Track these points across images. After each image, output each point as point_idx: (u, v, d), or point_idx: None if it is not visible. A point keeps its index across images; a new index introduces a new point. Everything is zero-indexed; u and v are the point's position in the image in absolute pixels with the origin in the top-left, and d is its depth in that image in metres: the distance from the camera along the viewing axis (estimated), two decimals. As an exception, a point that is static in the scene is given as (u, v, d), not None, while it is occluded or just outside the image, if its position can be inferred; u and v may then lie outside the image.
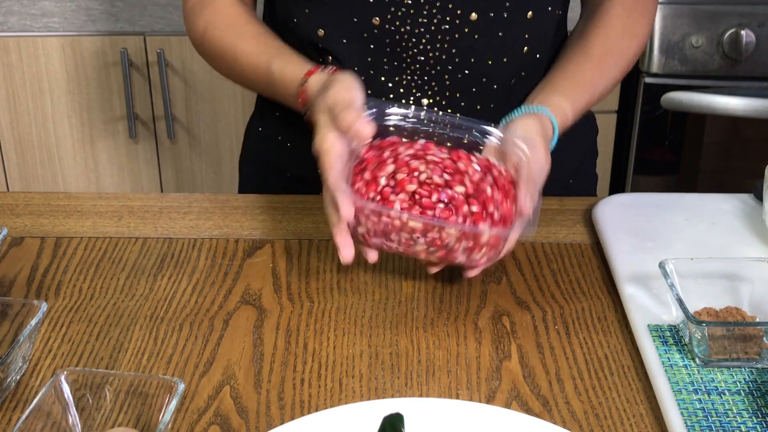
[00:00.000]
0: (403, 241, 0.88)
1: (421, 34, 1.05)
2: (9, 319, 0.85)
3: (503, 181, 0.93)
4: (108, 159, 2.18)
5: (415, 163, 0.92)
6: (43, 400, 0.73)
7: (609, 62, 1.10)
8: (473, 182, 0.91)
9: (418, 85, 1.08)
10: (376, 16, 1.04)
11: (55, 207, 1.12)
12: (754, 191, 1.09)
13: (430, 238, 0.87)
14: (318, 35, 1.07)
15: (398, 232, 0.88)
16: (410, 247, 0.89)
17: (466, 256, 0.89)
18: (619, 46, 1.11)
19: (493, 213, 0.90)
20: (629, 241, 1.01)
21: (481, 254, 0.89)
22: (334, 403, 0.82)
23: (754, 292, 0.89)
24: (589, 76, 1.08)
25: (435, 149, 0.94)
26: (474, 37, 1.05)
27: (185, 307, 0.94)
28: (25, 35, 2.06)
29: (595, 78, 1.08)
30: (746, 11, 1.95)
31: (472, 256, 0.89)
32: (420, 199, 0.89)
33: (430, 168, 0.91)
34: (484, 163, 0.94)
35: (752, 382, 0.82)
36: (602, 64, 1.09)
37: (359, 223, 0.89)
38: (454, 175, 0.92)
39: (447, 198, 0.90)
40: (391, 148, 0.93)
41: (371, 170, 0.91)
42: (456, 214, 0.89)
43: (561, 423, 0.80)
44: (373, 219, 0.88)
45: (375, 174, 0.91)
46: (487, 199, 0.90)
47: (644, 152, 2.11)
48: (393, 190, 0.90)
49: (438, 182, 0.90)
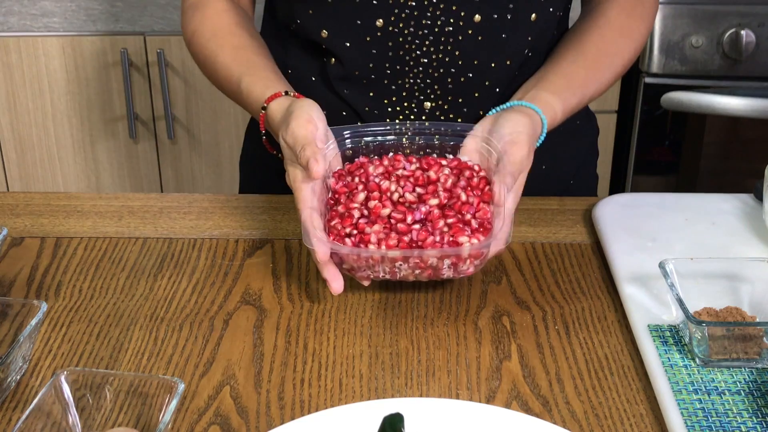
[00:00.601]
0: (388, 270, 0.89)
1: (424, 36, 1.05)
2: (9, 319, 0.85)
3: (477, 181, 0.93)
4: (108, 159, 2.18)
5: (385, 183, 0.93)
6: (43, 400, 0.73)
7: (603, 63, 1.09)
8: (446, 189, 0.92)
9: (421, 88, 1.08)
10: (379, 18, 1.04)
11: (55, 207, 1.12)
12: (754, 191, 1.09)
13: (412, 263, 0.88)
14: (321, 36, 1.07)
15: (380, 264, 0.89)
16: (396, 274, 0.90)
17: (452, 270, 0.89)
18: (615, 47, 1.10)
19: (470, 221, 0.90)
20: (629, 241, 1.01)
21: (466, 265, 0.89)
22: (334, 403, 0.82)
23: (754, 292, 0.89)
24: (582, 75, 1.07)
25: (404, 161, 0.96)
26: (477, 40, 1.05)
27: (185, 307, 0.94)
28: (25, 35, 2.06)
29: (588, 78, 1.08)
30: (746, 11, 1.95)
31: (459, 269, 0.90)
32: (395, 224, 0.90)
33: (401, 185, 0.93)
34: (455, 165, 0.95)
35: (752, 382, 0.82)
36: (596, 65, 1.09)
37: (342, 261, 0.90)
38: (426, 186, 0.93)
39: (422, 215, 0.90)
40: (360, 172, 0.95)
41: (344, 203, 0.93)
42: (432, 233, 0.89)
43: (561, 423, 0.80)
44: (353, 257, 0.89)
45: (347, 206, 0.92)
46: (462, 206, 0.91)
47: (644, 152, 2.11)
48: (368, 220, 0.91)
49: (411, 199, 0.92)
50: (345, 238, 0.90)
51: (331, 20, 1.06)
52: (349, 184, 0.94)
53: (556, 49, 1.12)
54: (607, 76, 1.10)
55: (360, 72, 1.08)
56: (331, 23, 1.06)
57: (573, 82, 1.07)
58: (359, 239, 0.89)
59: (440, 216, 0.90)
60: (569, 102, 1.05)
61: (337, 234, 0.90)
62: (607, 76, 1.10)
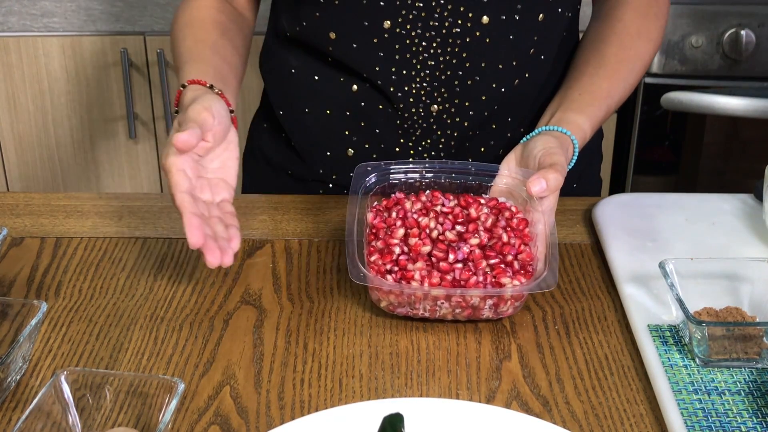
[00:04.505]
0: (428, 308, 0.89)
1: (432, 37, 1.04)
2: (9, 319, 0.85)
3: (516, 222, 0.93)
4: (108, 159, 2.18)
5: (424, 220, 0.92)
6: (43, 400, 0.73)
7: (625, 69, 1.09)
8: (486, 229, 0.92)
9: (428, 92, 1.08)
10: (387, 19, 1.03)
11: (55, 207, 1.12)
12: (754, 191, 1.09)
13: (454, 302, 0.88)
14: (329, 38, 1.06)
15: (422, 302, 0.88)
16: (435, 313, 0.90)
17: (492, 311, 0.89)
18: (634, 52, 1.10)
19: (512, 262, 0.90)
20: (629, 241, 1.01)
21: (507, 306, 0.89)
22: (334, 403, 0.82)
23: (754, 292, 0.89)
24: (606, 87, 1.07)
25: (442, 198, 0.95)
26: (485, 41, 1.05)
27: (185, 307, 0.94)
28: (25, 35, 2.06)
29: (612, 88, 1.07)
30: (746, 11, 1.95)
31: (499, 310, 0.90)
32: (437, 263, 0.89)
33: (441, 222, 0.92)
34: (492, 204, 0.95)
35: (752, 382, 0.82)
36: (618, 73, 1.08)
37: (381, 298, 0.90)
38: (466, 224, 0.92)
39: (463, 255, 0.90)
40: (398, 208, 0.94)
41: (383, 238, 0.92)
42: (475, 273, 0.89)
43: (561, 423, 0.80)
44: (395, 293, 0.88)
45: (387, 241, 0.91)
46: (504, 246, 0.91)
47: (644, 152, 2.11)
48: (409, 257, 0.90)
49: (451, 238, 0.91)
50: (386, 275, 0.89)
51: (339, 22, 1.05)
52: (387, 219, 0.93)
53: (574, 63, 1.12)
54: (630, 80, 1.09)
55: (367, 77, 1.08)
56: (339, 26, 1.05)
57: (597, 96, 1.06)
58: (401, 276, 0.89)
59: (482, 256, 0.90)
60: (596, 116, 1.05)
61: (378, 270, 0.89)
62: (630, 81, 1.09)
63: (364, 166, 0.98)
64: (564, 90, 1.08)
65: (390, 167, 0.99)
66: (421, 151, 1.12)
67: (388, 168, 0.99)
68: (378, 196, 0.98)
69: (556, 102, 1.07)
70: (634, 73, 1.10)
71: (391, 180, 0.98)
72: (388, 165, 0.99)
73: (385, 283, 0.88)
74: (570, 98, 1.06)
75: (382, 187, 0.98)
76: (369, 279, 0.87)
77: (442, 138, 1.11)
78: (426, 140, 1.11)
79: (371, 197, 0.97)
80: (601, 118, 1.06)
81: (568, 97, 1.06)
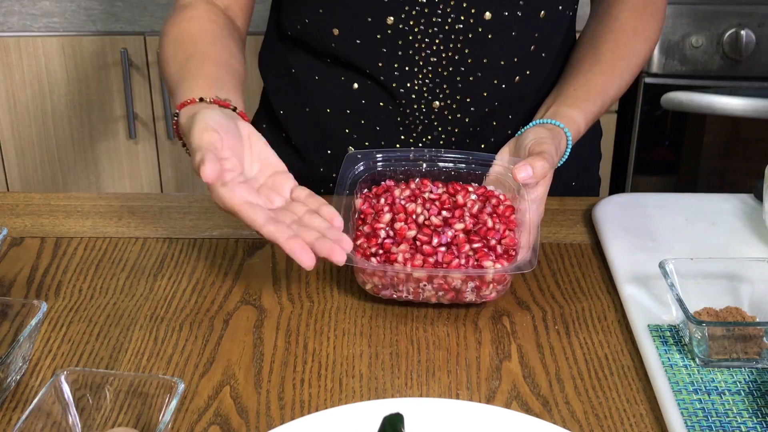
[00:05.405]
0: (411, 290, 0.90)
1: (434, 33, 1.05)
2: (9, 319, 0.85)
3: (503, 209, 0.94)
4: (108, 159, 2.18)
5: (411, 206, 0.94)
6: (43, 400, 0.73)
7: (620, 67, 1.09)
8: (472, 215, 0.93)
9: (430, 88, 1.08)
10: (390, 15, 1.04)
11: (55, 207, 1.12)
12: (754, 191, 1.09)
13: (436, 284, 0.89)
14: (332, 34, 1.07)
15: (405, 284, 0.90)
16: (419, 295, 0.91)
17: (474, 294, 0.91)
18: (630, 49, 1.10)
19: (495, 246, 0.91)
20: (629, 241, 1.01)
21: (489, 290, 0.91)
22: (334, 403, 0.82)
23: (754, 292, 0.89)
24: (600, 82, 1.08)
25: (431, 185, 0.97)
26: (488, 37, 1.05)
27: (185, 307, 0.94)
28: (25, 35, 2.06)
29: (606, 84, 1.08)
30: (746, 11, 1.95)
31: (481, 293, 0.91)
32: (421, 246, 0.91)
33: (428, 208, 0.94)
34: (481, 192, 0.97)
35: (752, 382, 0.82)
36: (613, 69, 1.09)
37: (366, 280, 0.91)
38: (452, 211, 0.94)
39: (448, 239, 0.91)
40: (386, 194, 0.96)
41: (369, 223, 0.94)
42: (458, 256, 0.90)
43: (561, 423, 0.79)
44: (378, 275, 0.90)
45: (373, 226, 0.93)
46: (488, 232, 0.92)
47: (644, 152, 2.11)
48: (394, 241, 0.92)
49: (437, 223, 0.92)
50: (371, 258, 0.91)
51: (342, 19, 1.06)
52: (375, 205, 0.95)
53: (571, 60, 1.13)
54: (625, 78, 1.10)
55: (369, 73, 1.08)
56: (342, 22, 1.06)
57: (592, 91, 1.07)
58: (385, 258, 0.91)
59: (466, 240, 0.91)
60: (590, 111, 1.05)
61: (363, 253, 0.91)
62: (626, 78, 1.10)
63: (354, 154, 1.00)
64: (559, 85, 1.09)
65: (379, 156, 1.00)
66: (421, 147, 1.12)
67: (378, 156, 1.00)
68: (368, 184, 1.00)
69: (551, 97, 1.08)
70: (630, 69, 1.10)
71: (379, 169, 1.00)
72: (378, 153, 1.00)
73: (369, 265, 0.89)
74: (565, 93, 1.07)
75: (372, 174, 1.00)
76: (354, 260, 0.88)
77: (443, 134, 1.11)
78: (427, 136, 1.11)
79: (360, 184, 0.99)
80: (595, 113, 1.07)
81: (563, 92, 1.07)
